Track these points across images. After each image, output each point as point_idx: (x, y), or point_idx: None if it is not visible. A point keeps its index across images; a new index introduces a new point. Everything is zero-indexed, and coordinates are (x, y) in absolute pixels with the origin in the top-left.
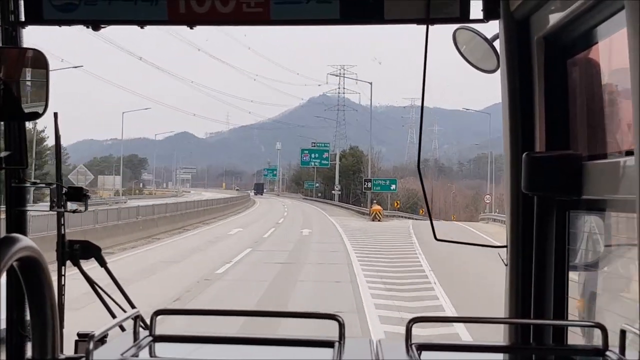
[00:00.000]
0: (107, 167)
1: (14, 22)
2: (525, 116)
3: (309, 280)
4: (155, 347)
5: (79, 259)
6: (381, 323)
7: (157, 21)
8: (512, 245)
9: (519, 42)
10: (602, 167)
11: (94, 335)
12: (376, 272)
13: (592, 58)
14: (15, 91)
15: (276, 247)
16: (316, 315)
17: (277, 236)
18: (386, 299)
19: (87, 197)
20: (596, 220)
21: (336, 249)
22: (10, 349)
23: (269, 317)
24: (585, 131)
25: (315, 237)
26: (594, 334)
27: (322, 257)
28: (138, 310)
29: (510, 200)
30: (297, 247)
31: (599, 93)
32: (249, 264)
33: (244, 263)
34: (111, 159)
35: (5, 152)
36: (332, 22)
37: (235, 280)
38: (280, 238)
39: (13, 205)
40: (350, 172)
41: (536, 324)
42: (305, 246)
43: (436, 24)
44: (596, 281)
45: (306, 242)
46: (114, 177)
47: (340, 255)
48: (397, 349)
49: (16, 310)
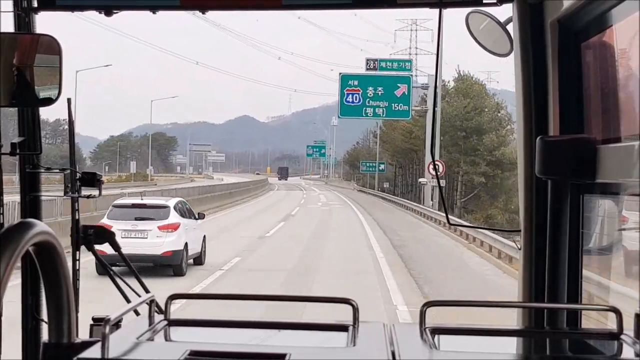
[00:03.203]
0: (125, 147)
1: (26, 8)
2: (539, 100)
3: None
4: (170, 331)
5: (93, 244)
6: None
7: (169, 6)
8: (525, 229)
9: (532, 26)
10: (616, 151)
11: (109, 319)
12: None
13: (606, 41)
14: (28, 77)
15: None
16: (331, 300)
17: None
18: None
19: (101, 182)
20: (610, 204)
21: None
22: (25, 332)
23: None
24: (600, 115)
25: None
26: (609, 318)
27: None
28: (153, 294)
29: (523, 185)
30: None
31: (613, 76)
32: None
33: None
34: (130, 139)
35: (19, 138)
36: (343, 6)
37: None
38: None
39: (27, 191)
40: (459, 129)
41: (550, 307)
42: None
43: (449, 7)
44: (610, 265)
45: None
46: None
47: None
48: (411, 332)
49: (31, 295)
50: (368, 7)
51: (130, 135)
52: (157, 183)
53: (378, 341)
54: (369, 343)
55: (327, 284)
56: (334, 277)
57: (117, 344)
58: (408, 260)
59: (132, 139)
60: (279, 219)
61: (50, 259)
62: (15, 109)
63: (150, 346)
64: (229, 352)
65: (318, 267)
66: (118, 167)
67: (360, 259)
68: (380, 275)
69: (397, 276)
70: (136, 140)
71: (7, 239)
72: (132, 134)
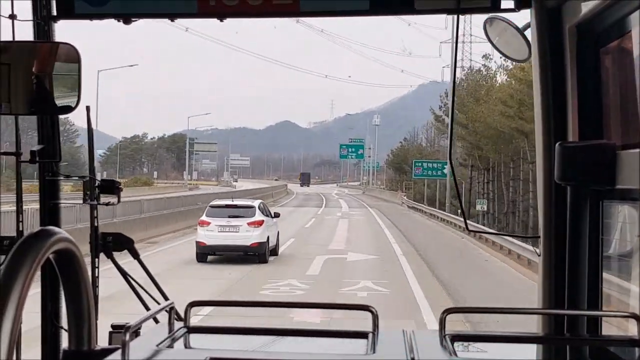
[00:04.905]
0: (138, 150)
1: (46, 16)
2: (558, 106)
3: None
4: (190, 338)
5: (112, 251)
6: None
7: (187, 14)
8: (545, 235)
9: (550, 31)
10: (636, 157)
11: (130, 326)
12: None
13: (625, 46)
14: (48, 85)
15: None
16: (350, 307)
17: None
18: None
19: (120, 189)
20: (630, 210)
21: None
22: (45, 339)
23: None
24: (619, 120)
25: None
26: (629, 325)
27: None
28: (172, 302)
29: (543, 191)
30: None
31: (632, 82)
32: None
33: None
34: (142, 142)
35: (39, 146)
36: (361, 13)
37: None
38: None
39: (47, 198)
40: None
41: (570, 314)
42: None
43: (467, 13)
44: (630, 271)
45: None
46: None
47: None
48: (431, 339)
49: (50, 302)
50: (386, 14)
51: (145, 137)
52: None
53: (398, 348)
54: (388, 350)
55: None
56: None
57: (137, 351)
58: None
59: (147, 142)
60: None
61: (70, 266)
62: (35, 117)
63: (170, 353)
64: (249, 359)
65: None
66: (119, 171)
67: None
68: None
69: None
70: (152, 142)
71: (27, 246)
72: (147, 136)
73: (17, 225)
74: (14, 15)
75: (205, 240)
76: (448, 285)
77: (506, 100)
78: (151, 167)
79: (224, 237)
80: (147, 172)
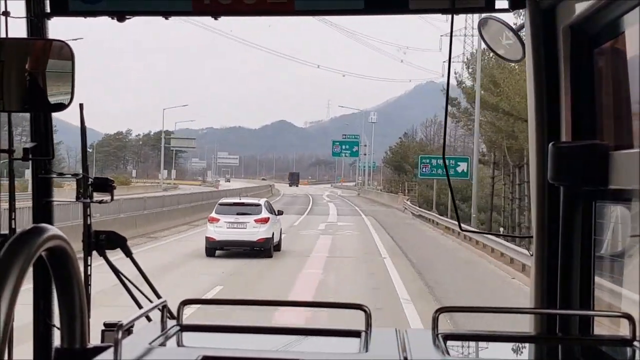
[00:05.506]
0: (122, 147)
1: (39, 13)
2: (551, 106)
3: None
4: (182, 337)
5: (104, 249)
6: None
7: (182, 12)
8: (537, 235)
9: (545, 32)
10: (629, 157)
11: (122, 324)
12: None
13: (619, 47)
14: (41, 82)
15: None
16: (343, 305)
17: None
18: None
19: (113, 187)
20: (623, 211)
21: None
22: (37, 337)
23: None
24: (612, 121)
25: None
26: (621, 325)
27: None
28: (165, 300)
29: (535, 191)
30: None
31: (626, 82)
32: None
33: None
34: (125, 140)
35: (32, 144)
36: (356, 12)
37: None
38: None
39: (40, 196)
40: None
41: (563, 314)
42: None
43: (461, 13)
44: (622, 271)
45: None
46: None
47: None
48: (424, 338)
49: (42, 300)
50: (380, 13)
51: (129, 134)
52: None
53: (390, 347)
54: (381, 349)
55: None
56: None
57: (130, 349)
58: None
59: (131, 139)
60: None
61: (63, 263)
62: (28, 114)
63: (163, 352)
64: (242, 358)
65: None
66: (101, 170)
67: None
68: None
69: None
70: (137, 140)
71: (20, 243)
72: (132, 133)
73: (9, 222)
74: (7, 12)
75: (214, 236)
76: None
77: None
78: (137, 166)
79: (233, 233)
80: (135, 170)
